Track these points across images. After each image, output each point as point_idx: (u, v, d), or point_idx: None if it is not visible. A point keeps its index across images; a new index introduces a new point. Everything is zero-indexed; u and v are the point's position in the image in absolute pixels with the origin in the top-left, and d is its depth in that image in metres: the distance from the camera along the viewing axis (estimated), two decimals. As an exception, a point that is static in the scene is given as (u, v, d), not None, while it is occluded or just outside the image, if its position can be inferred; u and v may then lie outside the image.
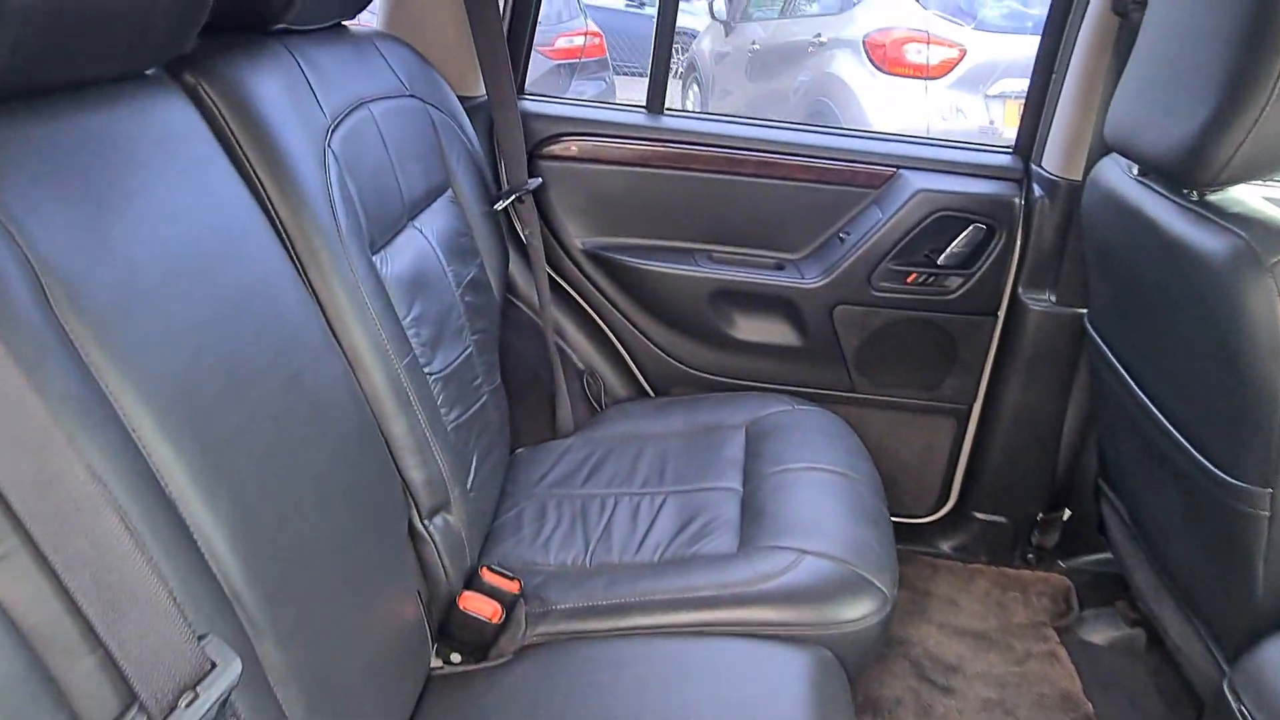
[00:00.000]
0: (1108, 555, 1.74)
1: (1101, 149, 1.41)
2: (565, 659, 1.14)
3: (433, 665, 1.14)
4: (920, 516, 1.91)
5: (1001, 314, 1.69)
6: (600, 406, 1.78)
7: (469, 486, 1.25)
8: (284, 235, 0.97)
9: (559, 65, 5.95)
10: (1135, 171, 1.23)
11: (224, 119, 0.93)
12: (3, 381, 0.57)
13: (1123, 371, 1.35)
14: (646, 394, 1.84)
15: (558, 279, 1.76)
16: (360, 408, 1.01)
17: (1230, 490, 1.06)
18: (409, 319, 1.17)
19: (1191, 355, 1.12)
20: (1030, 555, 1.86)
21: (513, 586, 1.20)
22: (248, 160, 0.94)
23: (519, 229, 1.62)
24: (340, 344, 1.02)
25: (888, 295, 1.68)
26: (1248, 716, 0.98)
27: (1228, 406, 1.05)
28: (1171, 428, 1.19)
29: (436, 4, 1.50)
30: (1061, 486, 1.79)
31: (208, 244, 0.82)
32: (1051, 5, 1.55)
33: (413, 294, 1.20)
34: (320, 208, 1.00)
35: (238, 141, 0.94)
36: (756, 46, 6.02)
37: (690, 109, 6.92)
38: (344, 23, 1.30)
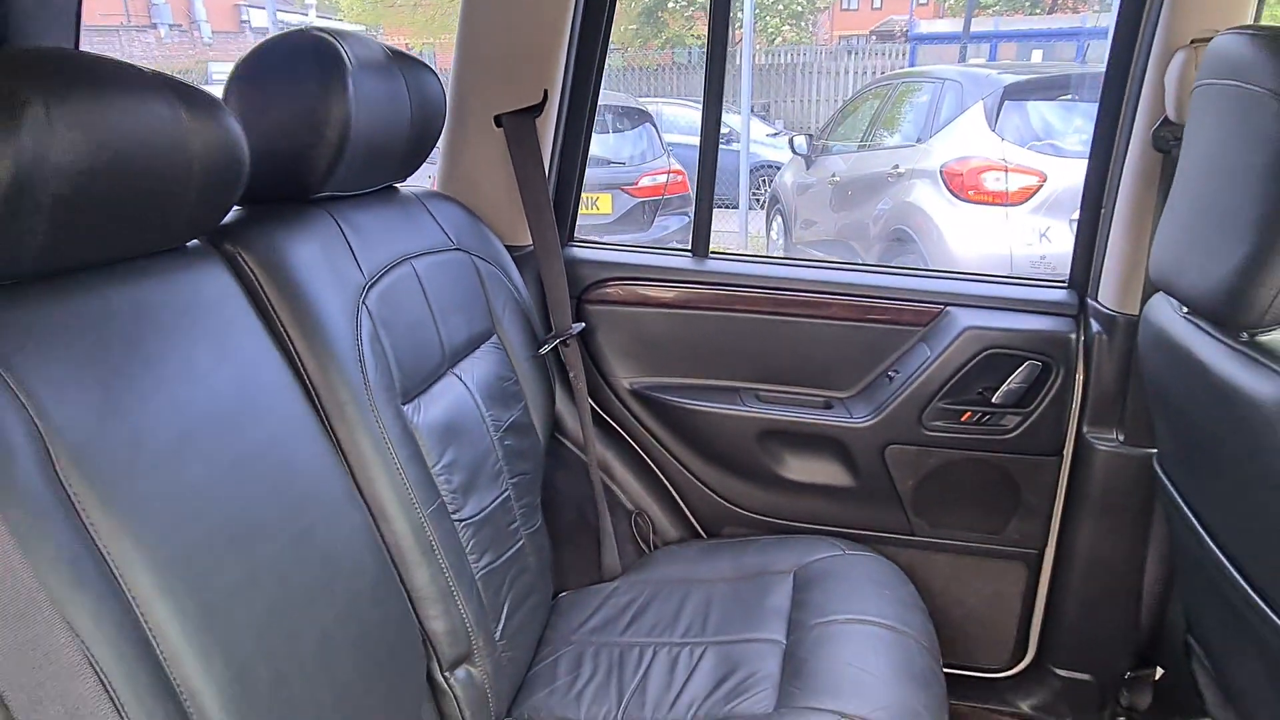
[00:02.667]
0: (1211, 721, 1.57)
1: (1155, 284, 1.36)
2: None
3: None
4: (996, 671, 1.78)
5: (1067, 454, 1.61)
6: (649, 547, 1.75)
7: (497, 636, 1.24)
8: (312, 391, 1.02)
9: (643, 202, 6.20)
10: (1184, 311, 1.18)
11: (259, 284, 1.00)
12: None
13: (1194, 520, 1.25)
14: (697, 534, 1.80)
15: (607, 419, 1.77)
16: (379, 558, 1.02)
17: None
18: (440, 465, 1.20)
19: (1258, 508, 1.03)
20: (1121, 719, 1.69)
21: None
22: (280, 321, 1.00)
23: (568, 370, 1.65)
24: (363, 494, 1.05)
25: (941, 435, 1.62)
26: None
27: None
28: (1247, 588, 1.08)
29: (486, 165, 1.59)
30: (1148, 642, 1.64)
31: (226, 404, 0.86)
32: (1094, 140, 1.54)
33: (446, 441, 1.22)
34: (349, 364, 1.05)
35: (271, 304, 1.00)
36: (837, 178, 6.14)
37: (773, 238, 7.05)
38: (397, 185, 1.39)
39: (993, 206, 4.71)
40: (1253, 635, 1.10)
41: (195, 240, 0.95)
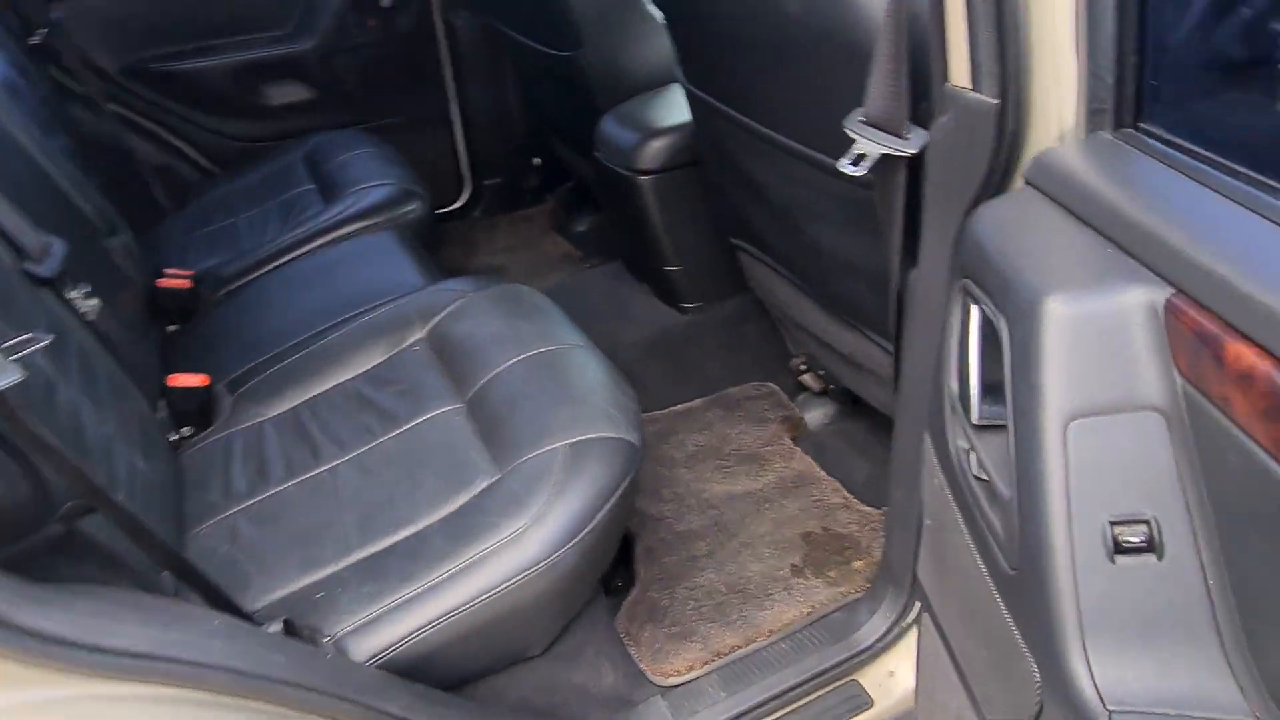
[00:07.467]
0: (571, 183, 2.65)
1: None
2: (250, 290, 1.76)
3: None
4: (455, 203, 2.69)
5: (440, 36, 2.44)
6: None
7: None
8: None
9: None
10: None
11: None
12: None
13: (508, 30, 2.17)
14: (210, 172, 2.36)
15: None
16: None
17: (565, 60, 1.94)
18: None
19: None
20: (529, 196, 2.74)
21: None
22: None
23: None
24: None
25: (359, 41, 2.35)
26: (604, 162, 1.92)
27: (544, 13, 1.91)
28: (536, 44, 2.04)
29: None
30: (527, 145, 2.65)
31: None
32: None
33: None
34: None
35: None
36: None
37: None
38: None
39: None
40: (543, 71, 2.08)
41: None
